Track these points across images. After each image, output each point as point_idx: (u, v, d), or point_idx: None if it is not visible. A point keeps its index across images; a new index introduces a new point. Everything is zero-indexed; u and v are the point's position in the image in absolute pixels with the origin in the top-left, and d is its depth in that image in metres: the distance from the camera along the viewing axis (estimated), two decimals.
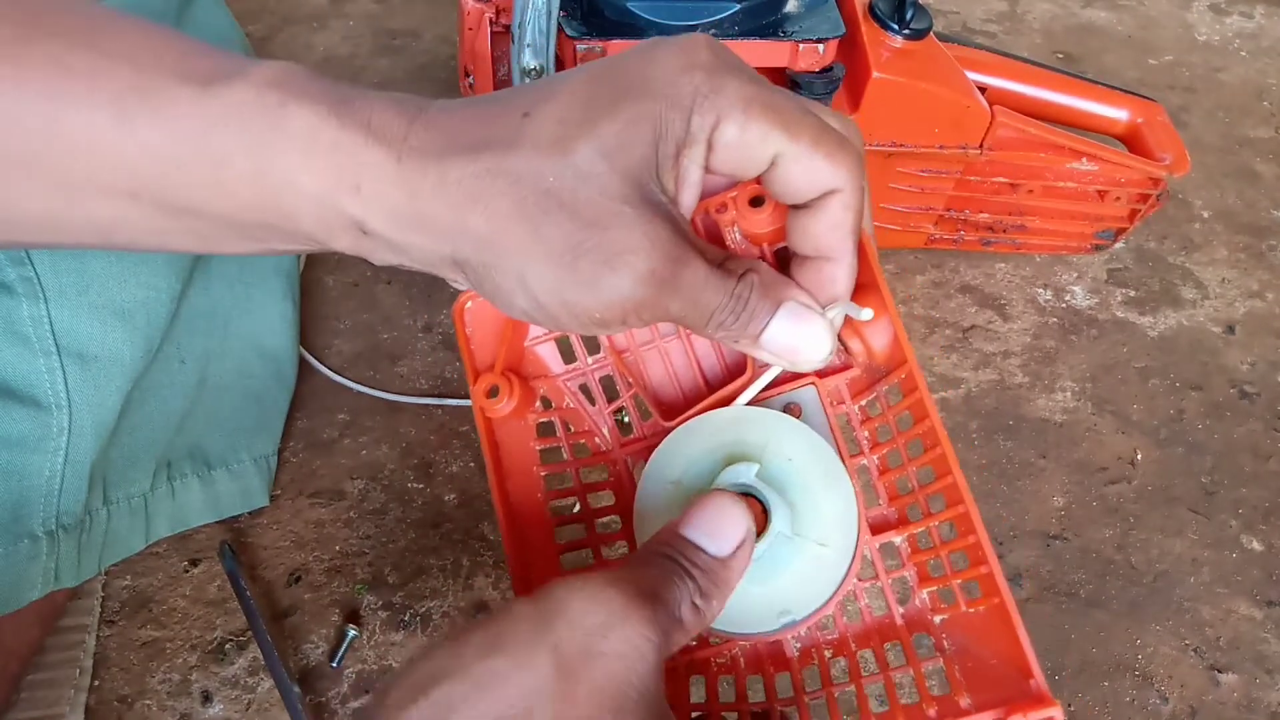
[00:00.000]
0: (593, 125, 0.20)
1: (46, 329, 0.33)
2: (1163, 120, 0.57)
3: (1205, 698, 0.42)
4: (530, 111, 0.20)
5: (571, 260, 0.20)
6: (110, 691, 0.39)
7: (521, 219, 0.20)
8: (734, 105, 0.20)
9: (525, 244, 0.20)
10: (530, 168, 0.20)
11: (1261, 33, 0.80)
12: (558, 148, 0.20)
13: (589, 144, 0.20)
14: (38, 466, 0.34)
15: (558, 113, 0.20)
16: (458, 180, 0.20)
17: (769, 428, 0.24)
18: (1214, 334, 0.57)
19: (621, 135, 0.20)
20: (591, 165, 0.20)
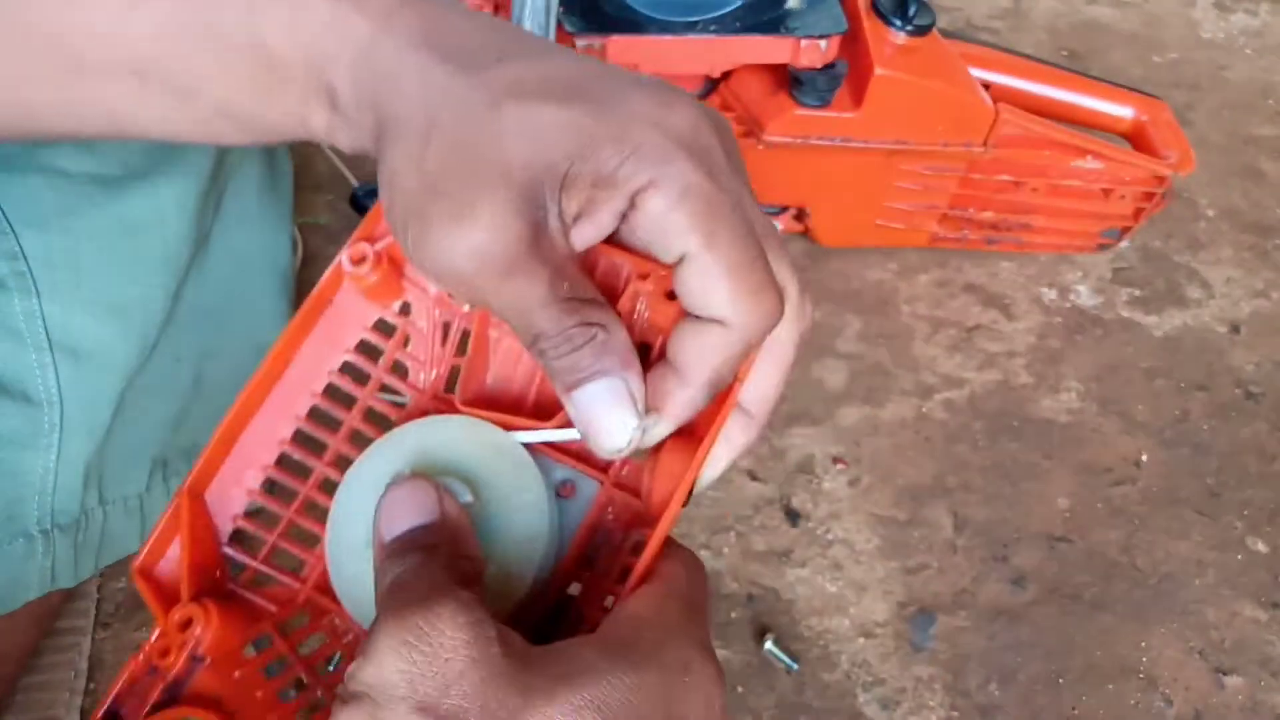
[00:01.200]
0: (538, 103, 0.19)
1: (39, 324, 0.33)
2: (1168, 118, 0.56)
3: (1210, 700, 0.42)
4: (504, 58, 0.20)
5: (431, 193, 0.19)
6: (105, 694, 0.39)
7: (420, 135, 0.20)
8: (673, 181, 0.18)
9: (407, 155, 0.20)
10: (471, 98, 0.19)
11: (1267, 30, 0.79)
12: (498, 100, 0.19)
13: (523, 118, 0.19)
14: (30, 464, 0.34)
15: (523, 72, 0.20)
16: (409, 74, 0.20)
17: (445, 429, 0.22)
18: (1219, 334, 0.57)
19: (554, 131, 0.19)
20: (505, 137, 0.19)
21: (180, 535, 0.23)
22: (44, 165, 0.33)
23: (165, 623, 0.22)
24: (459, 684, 0.16)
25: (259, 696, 0.23)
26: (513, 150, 0.19)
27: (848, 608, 0.44)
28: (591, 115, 0.19)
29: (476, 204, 0.19)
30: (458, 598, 0.17)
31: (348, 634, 0.25)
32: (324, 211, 0.59)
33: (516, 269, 0.19)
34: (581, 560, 0.23)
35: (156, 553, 0.23)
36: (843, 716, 0.40)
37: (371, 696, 0.17)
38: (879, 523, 0.47)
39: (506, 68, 0.20)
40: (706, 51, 0.47)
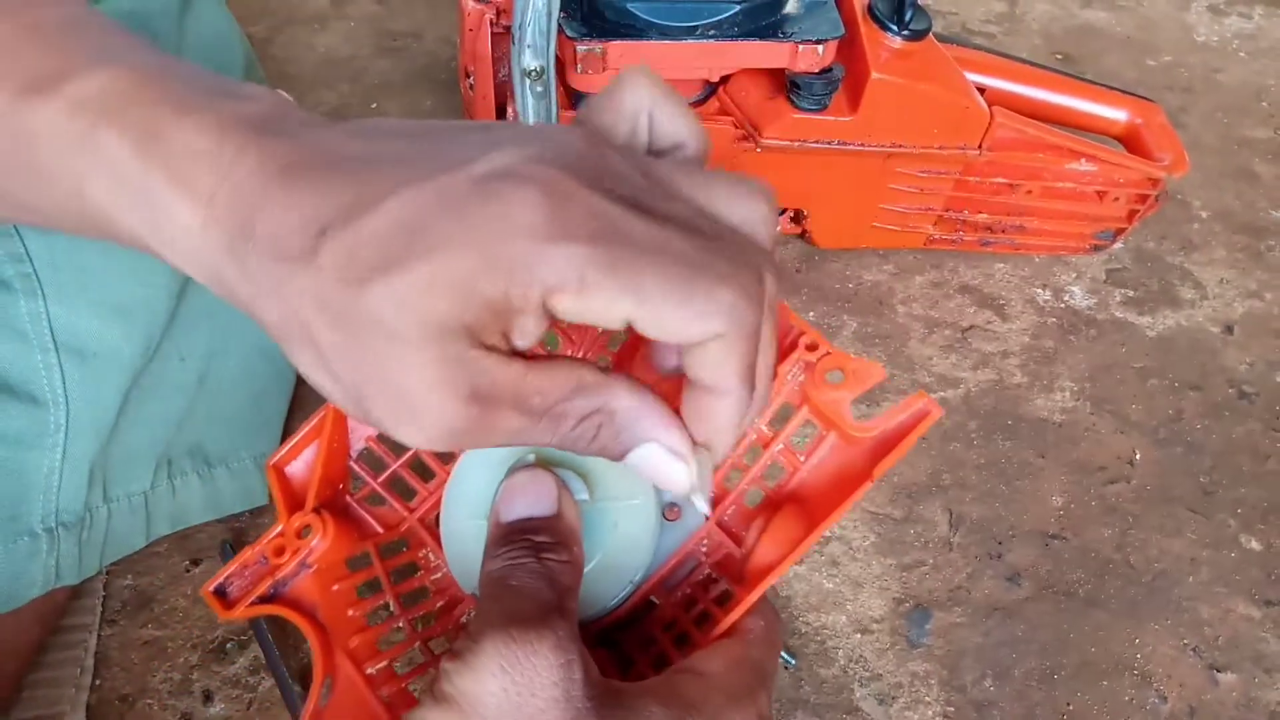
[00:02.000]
0: (383, 273, 0.17)
1: (44, 325, 0.33)
2: (1161, 121, 0.57)
3: (1204, 697, 0.42)
4: (325, 230, 0.17)
5: (360, 403, 0.18)
6: (111, 690, 0.39)
7: (309, 341, 0.18)
8: (565, 278, 0.16)
9: (314, 363, 0.18)
10: (323, 292, 0.17)
11: (1260, 33, 0.80)
12: (352, 283, 0.17)
13: (378, 291, 0.17)
14: (36, 463, 0.34)
15: (349, 246, 0.17)
16: (255, 271, 0.18)
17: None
18: (1213, 334, 0.57)
19: (417, 291, 0.17)
20: (376, 307, 0.17)
21: (320, 442, 0.24)
22: None
23: (287, 524, 0.23)
24: (540, 719, 0.18)
25: (349, 615, 0.24)
26: (407, 329, 0.17)
27: (844, 604, 0.44)
28: (449, 254, 0.16)
29: (411, 398, 0.17)
30: (557, 633, 0.19)
31: (439, 571, 0.26)
32: None
33: (485, 424, 0.18)
34: (665, 580, 0.24)
35: (294, 453, 0.24)
36: (840, 711, 0.41)
37: (461, 706, 0.18)
38: (875, 520, 0.47)
39: (337, 245, 0.17)
40: (705, 56, 0.48)
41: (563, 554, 0.21)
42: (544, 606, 0.19)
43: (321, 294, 0.17)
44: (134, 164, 0.18)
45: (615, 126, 0.20)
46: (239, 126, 0.18)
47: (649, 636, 0.24)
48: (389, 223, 0.17)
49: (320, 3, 0.75)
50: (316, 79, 0.68)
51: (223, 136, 0.18)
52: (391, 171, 0.17)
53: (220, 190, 0.18)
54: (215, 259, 0.18)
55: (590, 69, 0.47)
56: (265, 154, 0.18)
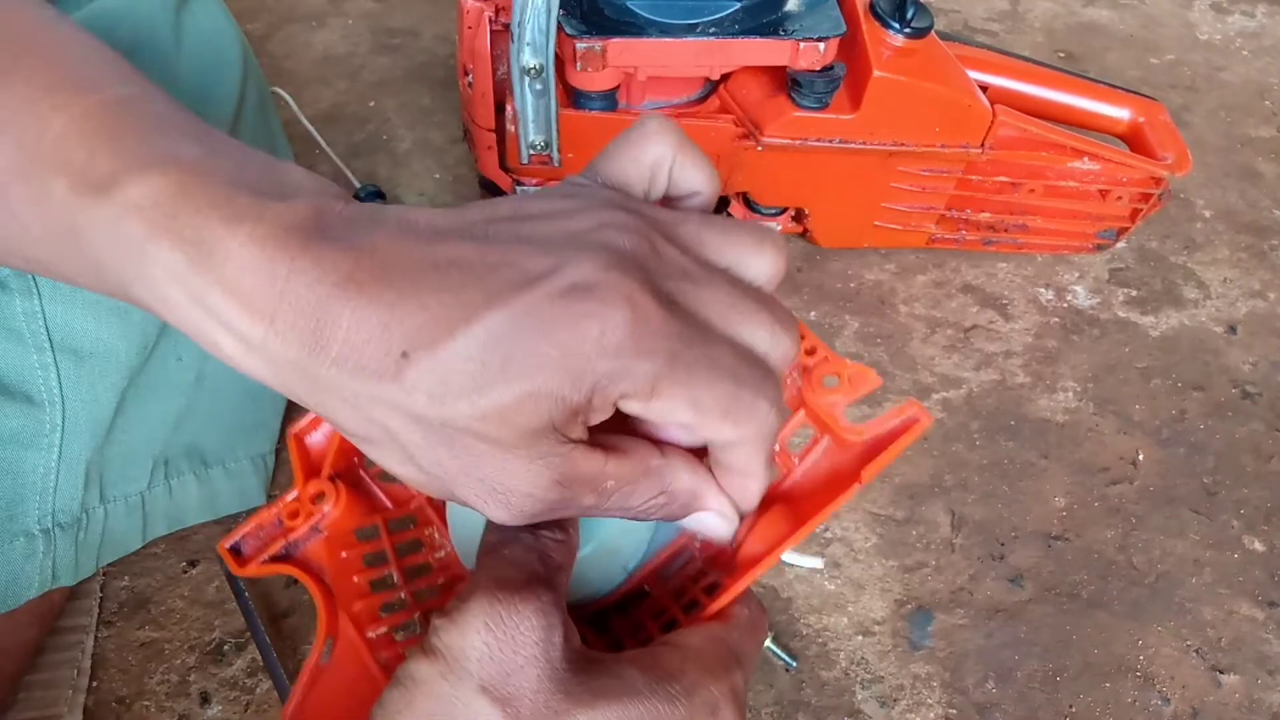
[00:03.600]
0: (477, 394, 0.18)
1: (40, 324, 0.33)
2: (1164, 119, 0.57)
3: (1207, 699, 0.42)
4: (409, 353, 0.18)
5: (449, 491, 0.20)
6: (108, 692, 0.39)
7: (395, 444, 0.19)
8: (639, 389, 0.19)
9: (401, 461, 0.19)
10: (413, 408, 0.18)
11: (1263, 32, 0.79)
12: (436, 403, 0.18)
13: (470, 410, 0.18)
14: (32, 463, 0.34)
15: (439, 370, 0.18)
16: (330, 383, 0.18)
17: None
18: (1216, 334, 0.57)
19: (510, 408, 0.18)
20: (469, 423, 0.18)
21: None
22: None
23: (302, 489, 0.25)
24: (520, 675, 0.19)
25: (354, 581, 0.26)
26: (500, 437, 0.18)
27: (846, 606, 0.44)
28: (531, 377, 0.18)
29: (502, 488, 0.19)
30: (541, 599, 0.20)
31: (442, 550, 0.28)
32: None
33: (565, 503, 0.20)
34: (659, 570, 0.25)
35: (314, 424, 0.26)
36: (841, 714, 0.41)
37: (446, 658, 0.19)
38: (877, 521, 0.47)
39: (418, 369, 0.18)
40: (706, 54, 0.48)
41: (557, 533, 0.22)
42: (533, 576, 0.20)
43: (411, 410, 0.18)
44: (190, 278, 0.19)
45: (635, 179, 0.22)
46: (290, 235, 0.18)
47: (639, 623, 0.25)
48: (476, 347, 0.18)
49: (317, 0, 0.75)
50: (314, 76, 0.68)
51: (276, 249, 0.18)
52: (462, 286, 0.18)
53: (281, 308, 0.18)
54: (281, 370, 0.19)
55: (590, 66, 0.47)
56: (322, 266, 0.18)
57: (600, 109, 0.50)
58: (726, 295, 0.20)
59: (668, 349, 0.19)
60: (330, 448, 0.26)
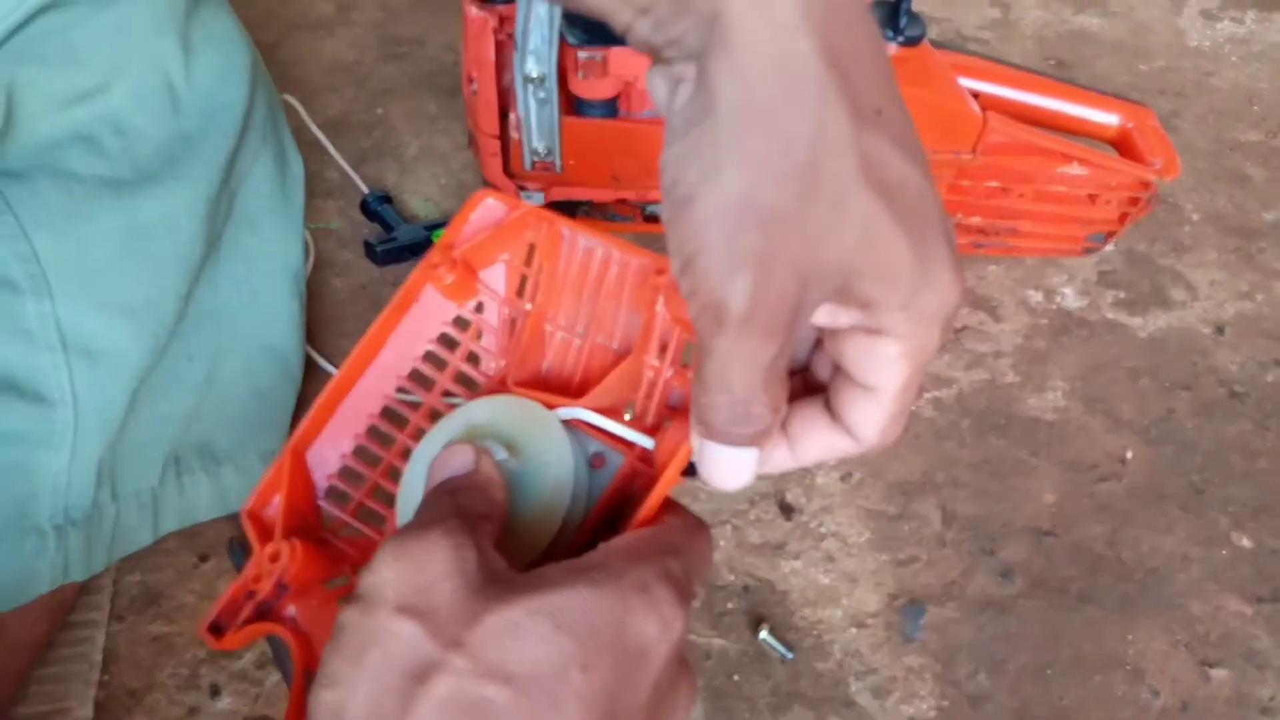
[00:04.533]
0: (883, 205, 0.18)
1: (52, 325, 0.34)
2: (1153, 125, 0.58)
3: (1196, 693, 0.43)
4: (881, 109, 0.18)
5: (740, 226, 0.18)
6: (119, 686, 0.39)
7: (770, 157, 0.17)
8: (919, 348, 0.19)
9: (742, 164, 0.17)
10: (832, 145, 0.17)
11: (1252, 38, 0.81)
12: (862, 177, 0.17)
13: (865, 213, 0.18)
14: (45, 462, 0.35)
15: (883, 150, 0.18)
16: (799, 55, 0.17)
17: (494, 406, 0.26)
18: (1204, 335, 0.58)
19: (881, 243, 0.18)
20: (838, 227, 0.18)
21: (281, 486, 0.26)
22: (56, 169, 0.34)
23: (259, 554, 0.25)
24: (433, 590, 0.19)
25: (330, 622, 0.26)
26: (832, 238, 0.18)
27: (840, 599, 0.45)
28: (912, 259, 0.18)
29: (771, 269, 0.18)
30: (446, 525, 0.20)
31: None
32: (335, 217, 0.61)
33: (759, 340, 0.18)
34: (606, 521, 0.26)
35: (263, 500, 0.27)
36: (836, 704, 0.41)
37: (363, 598, 0.19)
38: (870, 516, 0.48)
39: (881, 129, 0.18)
40: None
41: (476, 497, 0.22)
42: (441, 517, 0.20)
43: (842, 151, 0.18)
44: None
45: None
46: None
47: None
48: (906, 168, 0.18)
49: (326, 9, 0.76)
50: (322, 84, 0.69)
51: None
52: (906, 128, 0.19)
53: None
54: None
55: (591, 75, 0.48)
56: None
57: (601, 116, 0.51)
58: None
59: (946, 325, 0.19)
60: (280, 511, 0.26)
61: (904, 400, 0.20)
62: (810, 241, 0.18)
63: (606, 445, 0.26)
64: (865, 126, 0.18)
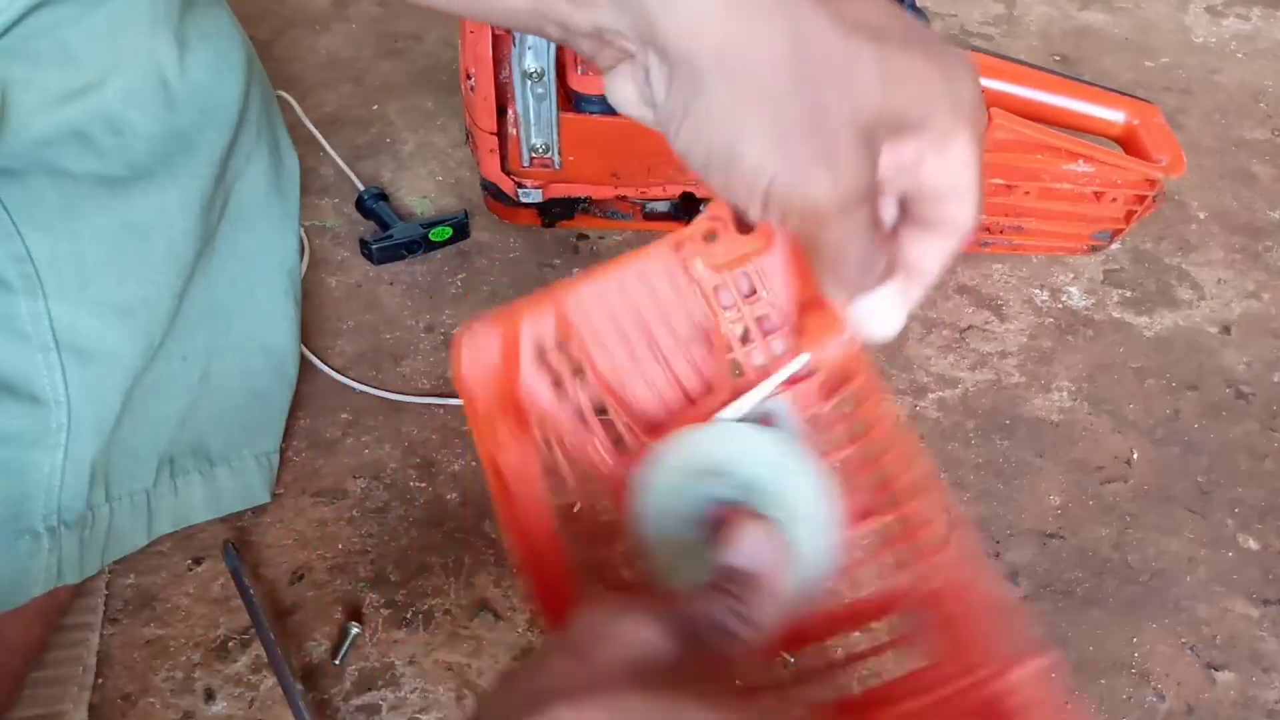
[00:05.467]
0: (884, 41, 0.20)
1: (45, 325, 0.33)
2: (1159, 122, 0.57)
3: (1202, 696, 0.42)
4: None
5: (793, 137, 0.20)
6: (114, 689, 0.39)
7: (775, 72, 0.19)
8: (976, 132, 0.21)
9: (761, 93, 0.19)
10: (818, 30, 0.19)
11: (1258, 34, 0.80)
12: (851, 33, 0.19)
13: (874, 52, 0.20)
14: (38, 463, 0.34)
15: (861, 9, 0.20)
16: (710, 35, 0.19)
17: (742, 440, 0.26)
18: (1210, 334, 0.58)
19: (899, 72, 0.20)
20: (862, 72, 0.20)
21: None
22: (49, 167, 0.34)
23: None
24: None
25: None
26: (864, 92, 0.20)
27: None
28: (931, 69, 0.21)
29: (838, 147, 0.20)
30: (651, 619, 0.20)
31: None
32: (330, 215, 0.60)
33: (859, 205, 0.21)
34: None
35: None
36: None
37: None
38: None
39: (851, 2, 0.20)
40: None
41: (745, 606, 0.21)
42: (669, 602, 0.21)
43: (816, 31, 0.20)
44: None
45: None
46: None
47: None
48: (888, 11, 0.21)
49: (322, 5, 0.75)
50: (318, 81, 0.69)
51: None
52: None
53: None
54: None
55: (591, 71, 0.47)
56: None
57: (600, 112, 0.51)
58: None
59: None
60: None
61: (981, 180, 0.22)
62: (846, 112, 0.20)
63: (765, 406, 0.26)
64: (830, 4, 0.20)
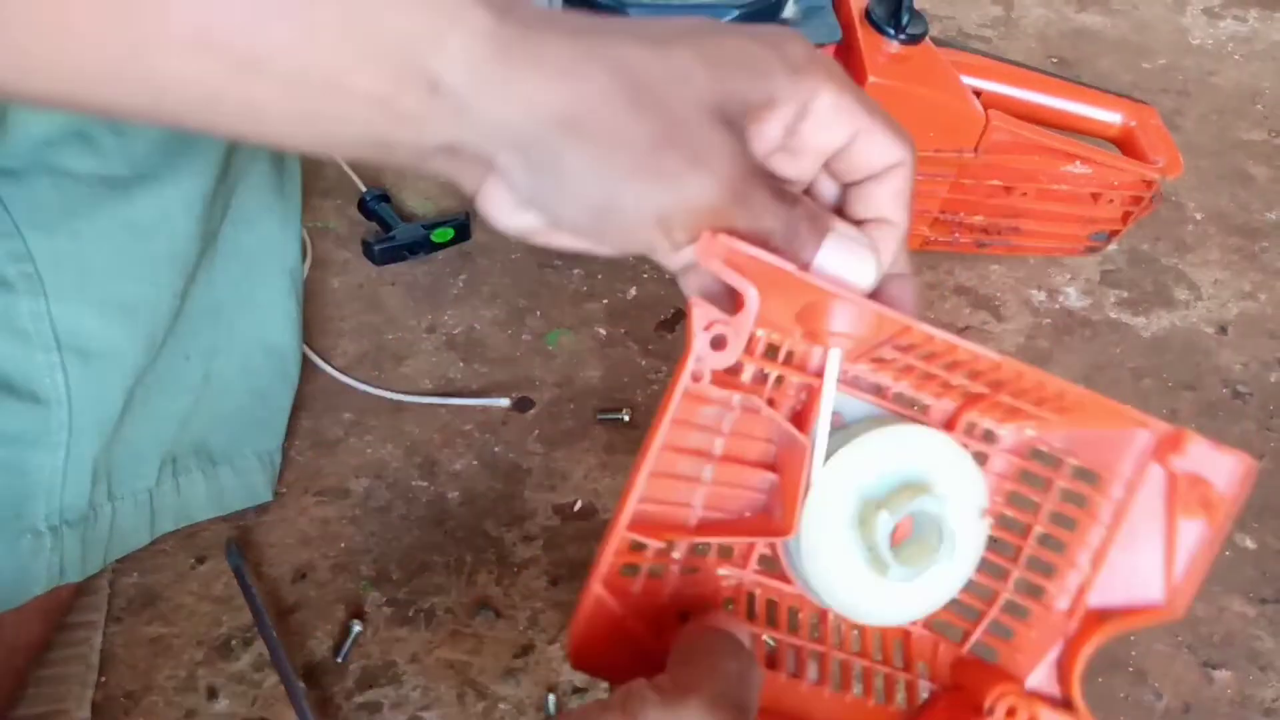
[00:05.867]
0: (697, 37, 0.21)
1: (46, 325, 0.33)
2: (1156, 123, 0.58)
3: (1200, 694, 0.43)
4: (630, 25, 0.22)
5: (656, 153, 0.20)
6: (117, 687, 0.39)
7: (612, 105, 0.20)
8: (831, 81, 0.22)
9: (610, 130, 0.20)
10: (630, 56, 0.20)
11: (1255, 36, 0.80)
12: (659, 45, 0.21)
13: (690, 48, 0.21)
14: (39, 462, 0.34)
15: (663, 24, 0.21)
16: (555, 55, 0.20)
17: (934, 448, 0.25)
18: (1207, 334, 0.58)
19: (723, 55, 0.21)
20: (689, 68, 0.21)
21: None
22: (50, 167, 0.34)
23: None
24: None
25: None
26: (702, 85, 0.21)
27: None
28: (749, 41, 0.22)
29: (707, 141, 0.20)
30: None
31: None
32: (333, 216, 0.60)
33: (752, 182, 0.21)
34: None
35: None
36: None
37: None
38: None
39: (644, 24, 0.22)
40: None
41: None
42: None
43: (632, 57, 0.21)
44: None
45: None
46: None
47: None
48: (691, 23, 0.23)
49: None
50: None
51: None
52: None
53: (515, 4, 0.21)
54: (502, 45, 0.20)
55: None
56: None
57: None
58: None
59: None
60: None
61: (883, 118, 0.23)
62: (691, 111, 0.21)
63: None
64: (633, 30, 0.21)
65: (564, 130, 0.20)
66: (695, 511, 0.25)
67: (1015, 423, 0.27)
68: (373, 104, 0.20)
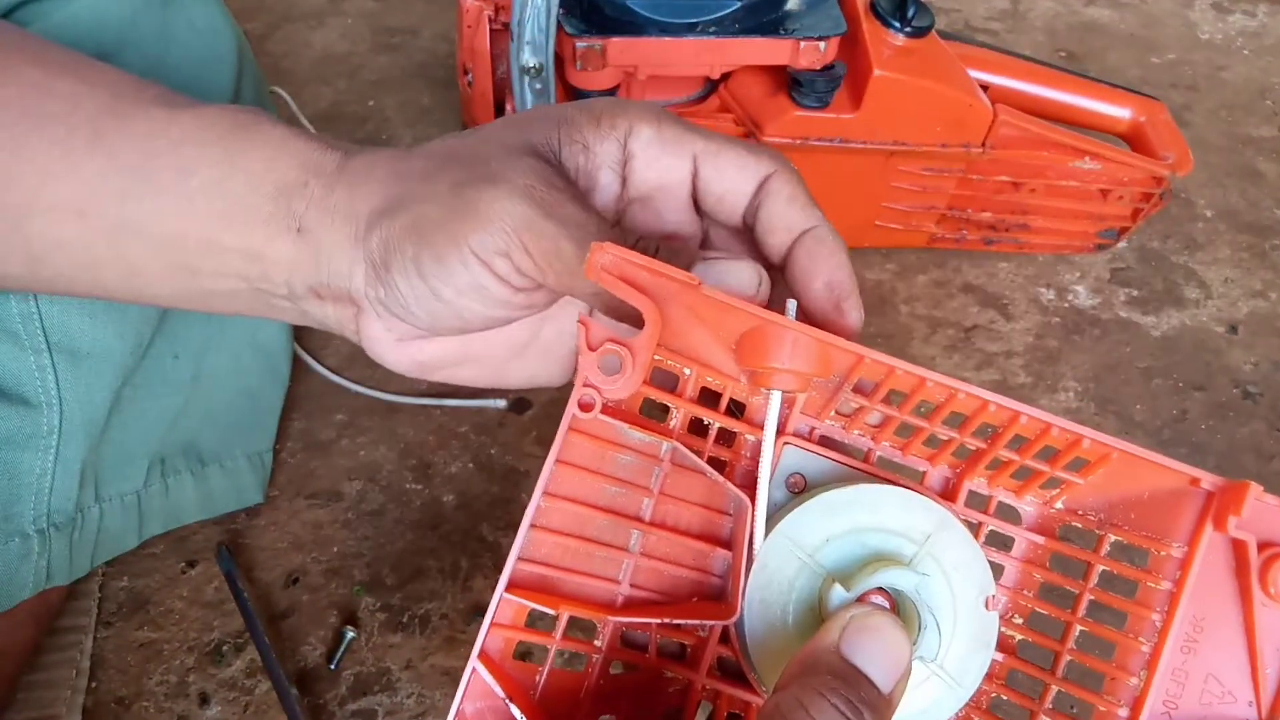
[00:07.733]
0: (510, 117, 0.24)
1: (36, 326, 0.33)
2: (1165, 119, 0.57)
3: None
4: (409, 148, 0.25)
5: (458, 189, 0.22)
6: (107, 693, 0.39)
7: (427, 173, 0.23)
8: (644, 115, 0.23)
9: (424, 193, 0.22)
10: (449, 141, 0.23)
11: (1265, 31, 0.79)
12: (475, 131, 0.23)
13: (500, 121, 0.23)
14: (28, 465, 0.34)
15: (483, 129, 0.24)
16: (387, 159, 0.24)
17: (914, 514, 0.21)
18: (1217, 334, 0.57)
19: (528, 116, 0.23)
20: (494, 130, 0.23)
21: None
22: None
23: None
24: None
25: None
26: (506, 138, 0.23)
27: None
28: (562, 106, 0.24)
29: (500, 168, 0.22)
30: None
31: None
32: None
33: (558, 192, 0.21)
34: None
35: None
36: None
37: None
38: None
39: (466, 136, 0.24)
40: (706, 53, 0.47)
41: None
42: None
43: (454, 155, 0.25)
44: (296, 136, 0.25)
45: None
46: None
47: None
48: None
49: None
50: (313, 75, 0.68)
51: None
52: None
53: (351, 148, 0.25)
54: (347, 180, 0.25)
55: (590, 65, 0.47)
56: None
57: None
58: None
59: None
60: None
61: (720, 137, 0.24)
62: (494, 149, 0.23)
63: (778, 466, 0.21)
64: (439, 140, 0.24)
65: (391, 214, 0.22)
66: (621, 589, 0.21)
67: (1034, 491, 0.21)
68: (248, 257, 0.23)
